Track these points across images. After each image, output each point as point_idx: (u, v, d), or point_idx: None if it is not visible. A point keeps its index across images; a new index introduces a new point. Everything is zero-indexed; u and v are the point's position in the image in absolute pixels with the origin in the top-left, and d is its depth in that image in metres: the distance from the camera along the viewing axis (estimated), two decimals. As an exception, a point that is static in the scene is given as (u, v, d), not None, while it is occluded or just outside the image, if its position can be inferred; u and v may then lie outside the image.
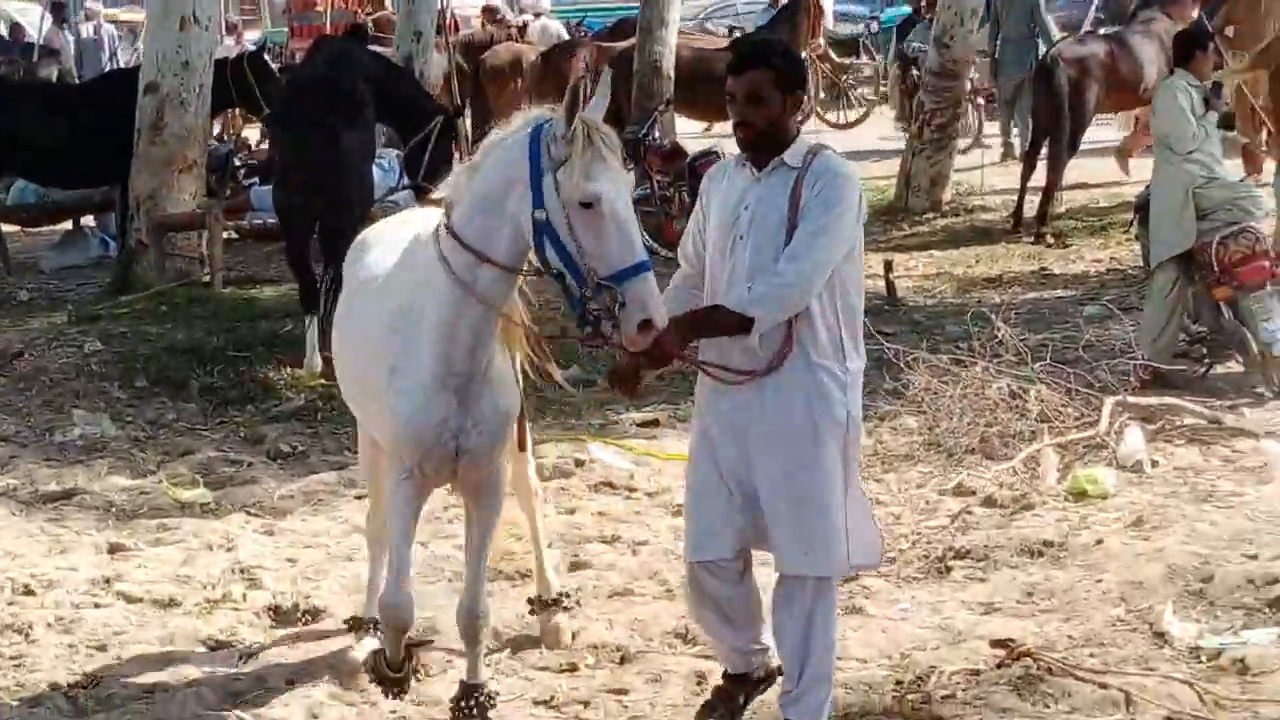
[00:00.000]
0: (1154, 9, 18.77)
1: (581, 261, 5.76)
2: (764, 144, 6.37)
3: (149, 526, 10.16)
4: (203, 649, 8.34)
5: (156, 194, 17.26)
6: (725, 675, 7.07)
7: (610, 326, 5.76)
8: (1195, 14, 17.98)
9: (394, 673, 6.86)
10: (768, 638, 6.89)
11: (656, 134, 19.70)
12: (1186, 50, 13.10)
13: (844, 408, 6.44)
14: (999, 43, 23.21)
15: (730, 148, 9.81)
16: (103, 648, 8.32)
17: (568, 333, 7.38)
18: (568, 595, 8.32)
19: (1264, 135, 16.37)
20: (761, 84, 6.27)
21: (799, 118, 6.29)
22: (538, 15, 32.67)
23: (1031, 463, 10.31)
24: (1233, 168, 13.48)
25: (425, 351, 6.45)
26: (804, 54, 18.89)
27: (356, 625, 7.97)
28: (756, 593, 6.85)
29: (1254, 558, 8.67)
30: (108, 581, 9.19)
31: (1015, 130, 24.00)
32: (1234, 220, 11.86)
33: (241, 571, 9.31)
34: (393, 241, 7.19)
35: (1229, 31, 18.36)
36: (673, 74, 21.65)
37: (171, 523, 10.21)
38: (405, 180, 16.19)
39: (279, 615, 8.71)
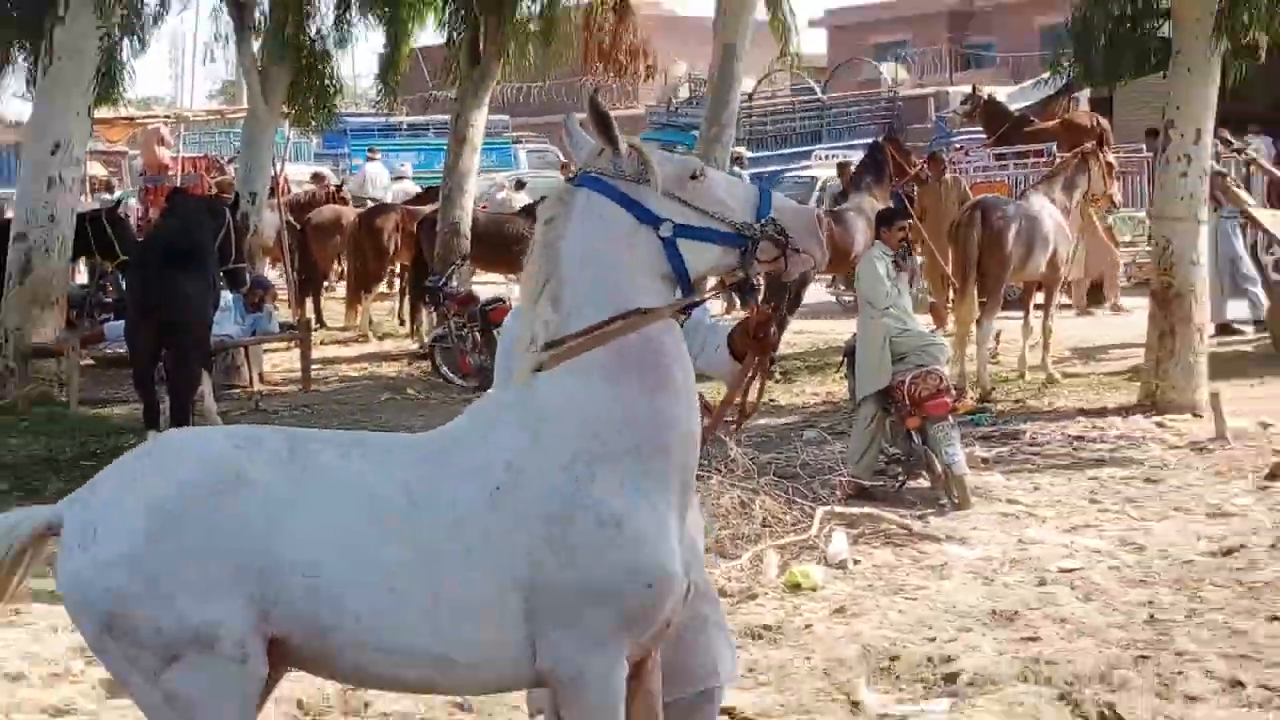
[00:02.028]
0: (861, 193, 19.08)
1: (725, 225, 4.73)
2: None
3: (3, 611, 10.02)
4: (45, 717, 8.20)
5: (23, 327, 17.33)
6: None
7: (781, 256, 4.73)
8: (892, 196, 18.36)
9: None
10: None
11: (455, 283, 19.68)
12: (881, 225, 13.58)
13: None
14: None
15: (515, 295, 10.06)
16: None
17: None
18: None
19: (949, 295, 16.88)
20: None
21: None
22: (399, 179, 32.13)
23: (756, 560, 10.26)
24: (924, 322, 13.90)
25: None
26: None
27: None
28: None
29: (933, 640, 8.81)
30: None
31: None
32: (922, 364, 12.17)
33: (81, 649, 8.74)
34: None
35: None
36: (469, 234, 21.57)
37: (24, 607, 9.94)
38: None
39: (112, 687, 8.17)
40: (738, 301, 18.18)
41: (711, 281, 5.11)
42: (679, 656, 5.29)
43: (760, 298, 5.57)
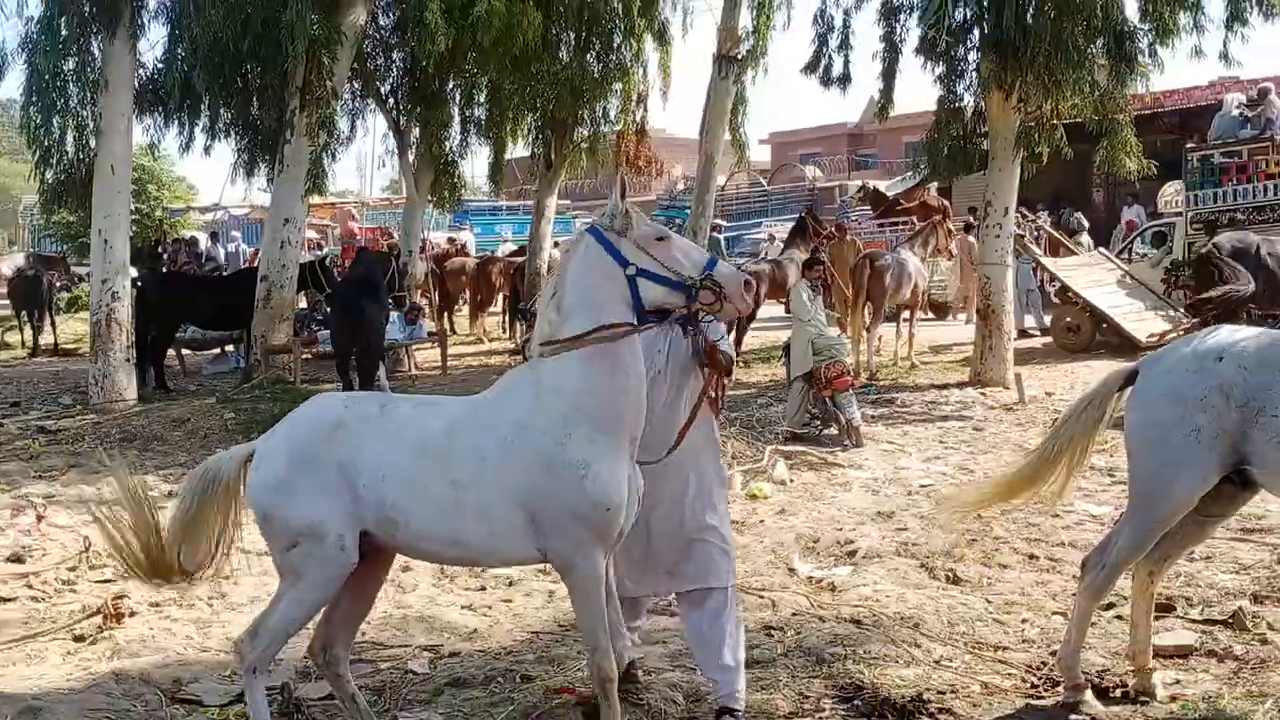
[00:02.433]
0: (792, 248, 18.83)
1: (673, 275, 4.61)
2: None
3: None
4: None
5: (266, 334, 17.40)
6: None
7: (718, 301, 4.59)
8: (818, 246, 18.30)
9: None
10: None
11: (538, 306, 19.65)
12: (804, 269, 13.69)
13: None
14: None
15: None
16: (226, 575, 8.29)
17: None
18: None
19: (849, 313, 16.89)
20: None
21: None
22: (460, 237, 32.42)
23: (729, 481, 10.31)
24: (833, 330, 13.91)
25: None
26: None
27: None
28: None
29: (840, 530, 8.90)
30: (231, 540, 9.10)
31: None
32: (833, 356, 12.22)
33: None
34: None
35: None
36: (545, 274, 21.59)
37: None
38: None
39: None
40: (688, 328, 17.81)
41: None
42: (683, 562, 5.29)
43: (703, 334, 5.08)
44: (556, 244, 28.13)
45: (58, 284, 26.01)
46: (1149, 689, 5.51)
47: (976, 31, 14.21)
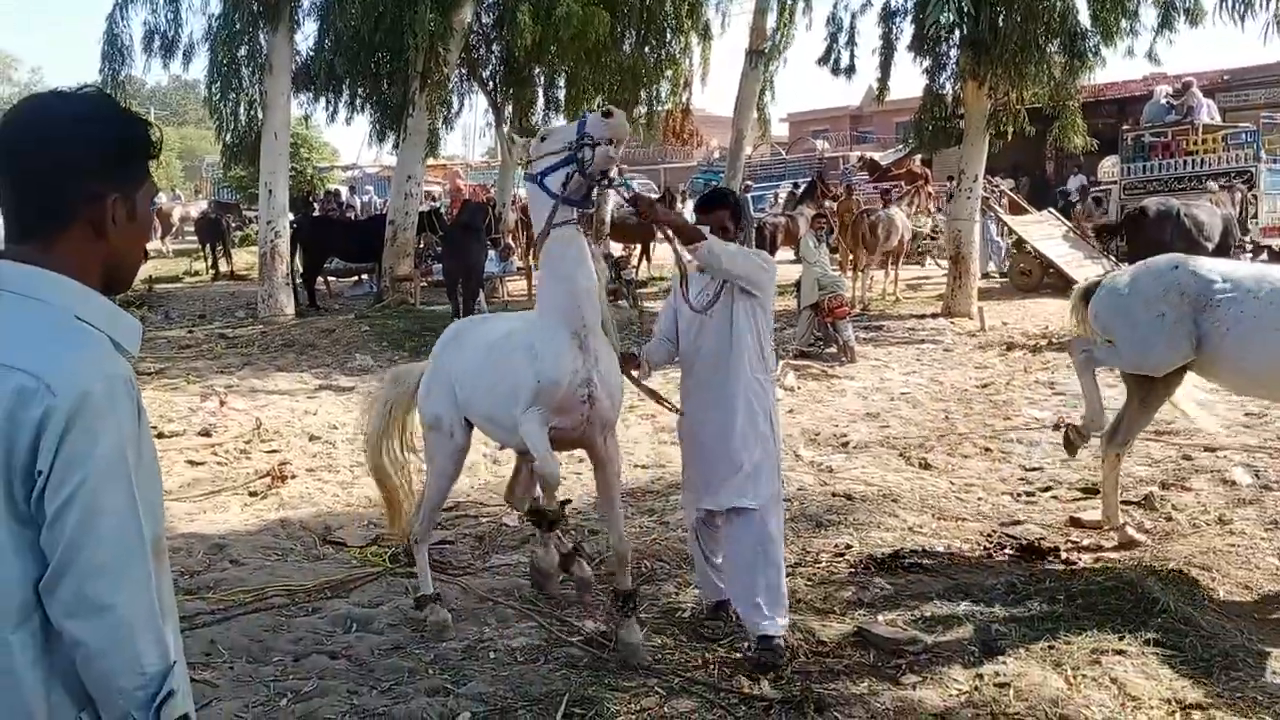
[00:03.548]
0: (802, 204, 18.71)
1: (557, 155, 3.92)
2: None
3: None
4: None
5: (393, 266, 17.37)
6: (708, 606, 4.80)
7: (592, 150, 3.86)
8: (823, 205, 18.12)
9: (550, 515, 4.38)
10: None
11: (602, 248, 19.59)
12: (812, 222, 13.53)
13: (767, 400, 4.44)
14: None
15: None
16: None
17: None
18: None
19: (849, 257, 16.72)
20: (723, 217, 4.46)
21: (741, 236, 4.51)
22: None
23: None
24: (835, 270, 13.80)
25: None
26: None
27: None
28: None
29: (836, 426, 8.88)
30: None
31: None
32: (834, 290, 12.15)
33: None
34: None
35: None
36: (608, 223, 21.60)
37: None
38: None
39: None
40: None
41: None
42: (728, 479, 4.39)
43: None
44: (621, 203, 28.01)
45: (233, 224, 26.17)
46: (1126, 539, 5.64)
47: (957, 32, 13.92)
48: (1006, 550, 5.66)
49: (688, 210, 4.18)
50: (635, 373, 4.56)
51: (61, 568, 1.51)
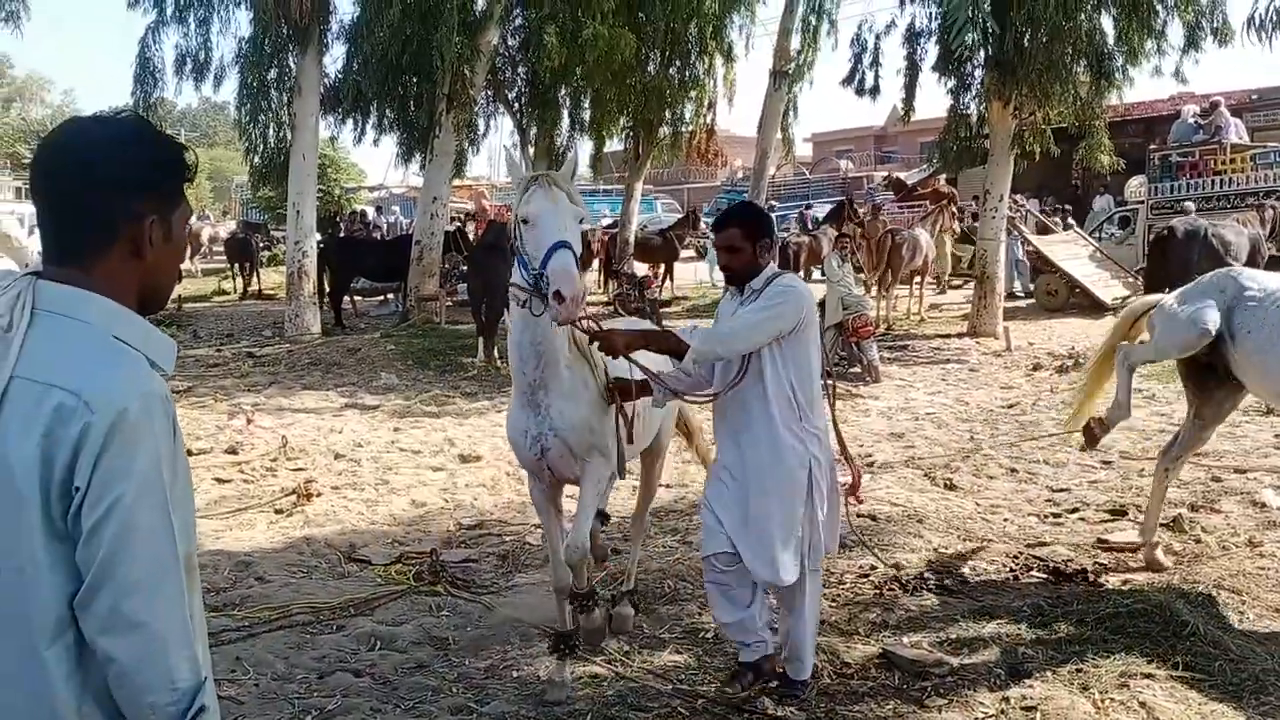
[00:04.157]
0: (825, 225, 18.73)
1: (528, 259, 3.64)
2: (740, 278, 4.06)
3: (410, 422, 10.07)
4: (429, 469, 8.28)
5: (418, 285, 17.42)
6: (739, 662, 4.28)
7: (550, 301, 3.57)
8: (843, 228, 18.08)
9: (584, 602, 4.31)
10: (768, 635, 4.25)
11: (625, 268, 19.68)
12: (835, 243, 13.50)
13: (805, 455, 3.94)
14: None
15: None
16: (389, 468, 8.29)
17: None
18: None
19: (874, 276, 16.65)
20: (734, 237, 4.02)
21: (767, 256, 4.06)
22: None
23: None
24: (859, 290, 13.75)
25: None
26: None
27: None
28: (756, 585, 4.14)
29: (861, 446, 8.78)
30: (392, 442, 9.16)
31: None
32: (858, 310, 12.13)
33: (447, 439, 9.21)
34: None
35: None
36: (633, 243, 21.64)
37: (419, 421, 10.13)
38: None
39: (464, 458, 8.52)
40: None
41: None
42: (766, 552, 3.97)
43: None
44: (644, 226, 28.28)
45: (261, 244, 26.44)
46: (1153, 559, 5.58)
47: (982, 53, 13.92)
48: (1033, 572, 5.61)
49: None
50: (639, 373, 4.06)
51: (96, 583, 1.53)
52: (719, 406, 4.13)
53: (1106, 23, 14.12)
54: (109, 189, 1.66)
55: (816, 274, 18.62)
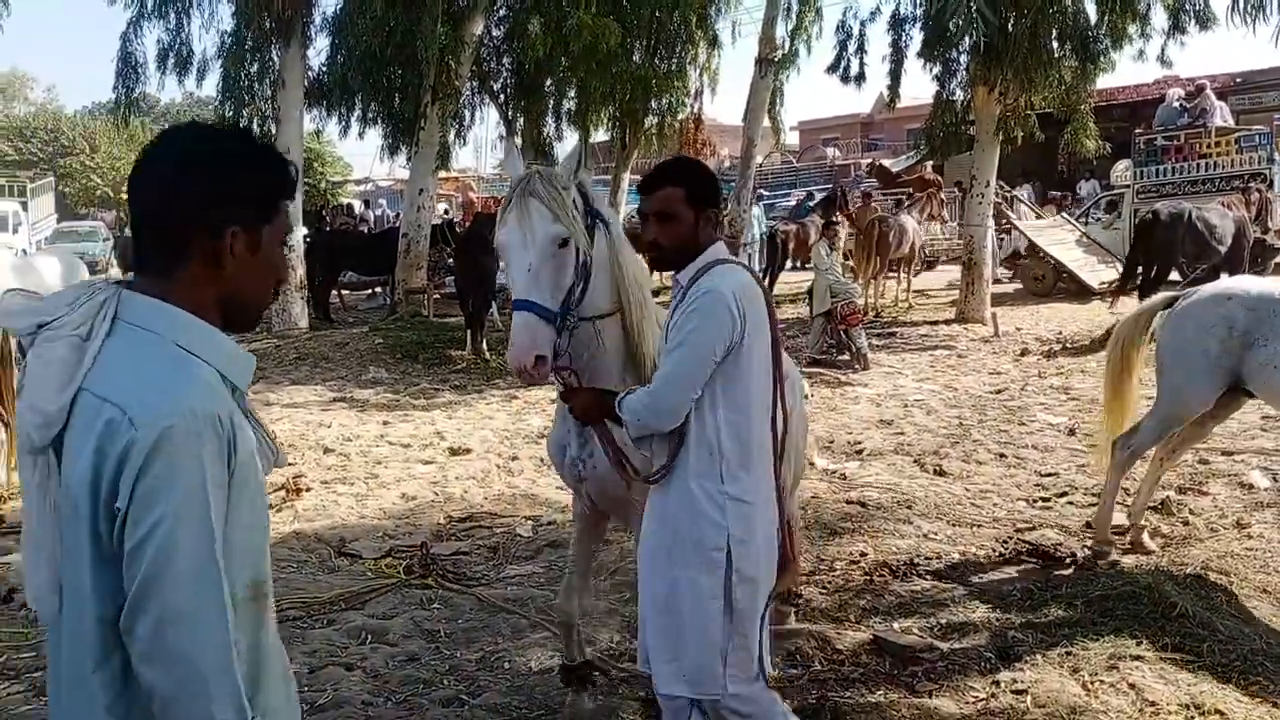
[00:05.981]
0: (812, 214, 18.78)
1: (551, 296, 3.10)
2: (674, 260, 2.93)
3: (399, 415, 10.07)
4: (419, 462, 8.27)
5: (406, 278, 17.38)
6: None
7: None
8: (834, 216, 18.11)
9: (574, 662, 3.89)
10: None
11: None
12: (823, 231, 13.49)
13: (722, 531, 2.73)
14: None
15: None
16: (378, 461, 8.29)
17: None
18: None
19: (863, 264, 16.66)
20: (671, 198, 2.89)
21: (710, 231, 2.92)
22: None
23: None
24: (848, 277, 13.77)
25: None
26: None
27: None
28: None
29: (850, 433, 8.83)
30: (381, 435, 9.13)
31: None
32: (847, 298, 12.18)
33: (437, 433, 9.20)
34: None
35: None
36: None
37: (408, 414, 10.11)
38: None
39: (453, 451, 8.51)
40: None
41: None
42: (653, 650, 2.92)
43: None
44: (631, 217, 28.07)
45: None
46: (1139, 543, 5.61)
47: (967, 38, 13.92)
48: (1022, 556, 5.62)
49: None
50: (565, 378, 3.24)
51: (136, 606, 1.47)
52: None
53: (1090, 7, 14.15)
54: (190, 200, 1.62)
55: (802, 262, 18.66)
